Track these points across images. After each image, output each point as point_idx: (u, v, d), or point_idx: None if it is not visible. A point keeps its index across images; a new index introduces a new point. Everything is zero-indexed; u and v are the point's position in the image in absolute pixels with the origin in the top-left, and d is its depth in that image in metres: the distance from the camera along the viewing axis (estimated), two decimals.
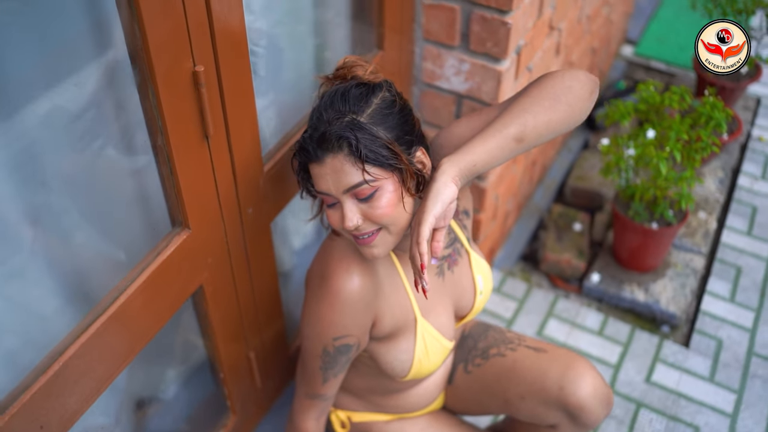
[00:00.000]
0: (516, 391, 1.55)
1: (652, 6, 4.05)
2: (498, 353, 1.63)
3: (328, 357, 1.39)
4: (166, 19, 1.04)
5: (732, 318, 2.42)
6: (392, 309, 1.40)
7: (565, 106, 1.24)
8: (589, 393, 1.47)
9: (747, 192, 2.91)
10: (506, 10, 1.72)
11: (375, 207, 1.21)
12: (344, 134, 1.18)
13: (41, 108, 1.02)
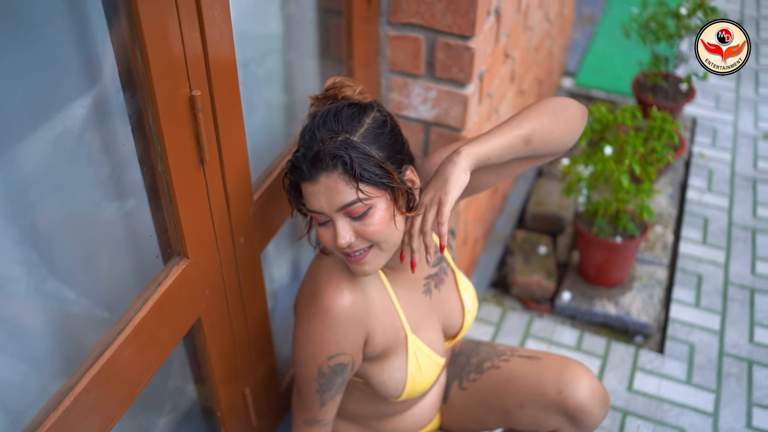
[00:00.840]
0: (514, 400, 1.57)
1: (586, 40, 4.24)
2: (492, 366, 1.64)
3: (323, 378, 1.38)
4: (166, 46, 1.06)
5: (700, 322, 2.50)
6: (383, 326, 1.41)
7: (563, 122, 1.35)
8: (588, 394, 1.50)
9: (697, 204, 3.04)
10: (469, 36, 1.79)
11: (368, 224, 1.24)
12: (338, 153, 1.20)
13: (31, 141, 1.02)
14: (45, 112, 1.04)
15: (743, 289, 2.63)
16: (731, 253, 2.80)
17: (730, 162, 3.31)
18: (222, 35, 1.19)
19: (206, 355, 1.46)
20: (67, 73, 1.06)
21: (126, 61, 1.08)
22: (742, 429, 2.15)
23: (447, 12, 1.77)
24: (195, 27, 1.12)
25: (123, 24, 1.03)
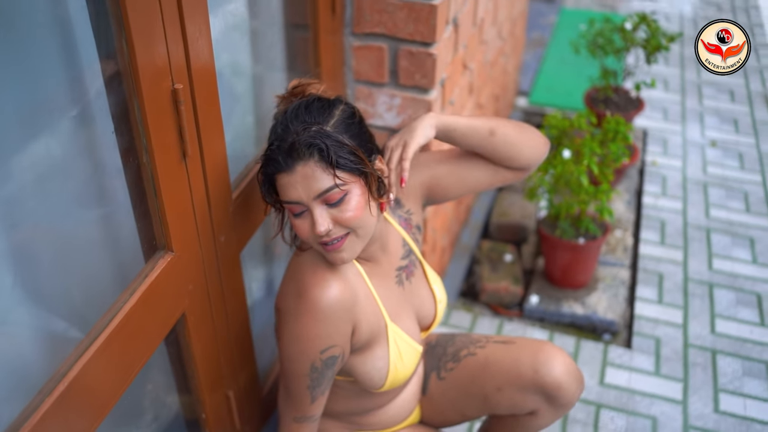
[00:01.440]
0: (492, 384, 1.61)
1: (537, 62, 4.40)
2: (469, 353, 1.68)
3: (316, 373, 1.40)
4: (150, 40, 1.11)
5: (664, 318, 2.58)
6: (367, 316, 1.44)
7: (526, 137, 1.52)
8: (563, 371, 1.55)
9: (653, 209, 3.16)
10: (430, 42, 1.87)
11: (345, 210, 1.29)
12: (314, 141, 1.25)
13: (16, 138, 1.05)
14: (31, 110, 1.07)
15: (702, 285, 2.74)
16: (688, 251, 2.90)
17: (681, 168, 3.44)
18: (201, 32, 1.24)
19: (191, 355, 1.48)
20: (51, 69, 1.10)
21: (112, 55, 1.12)
22: (710, 413, 2.22)
23: (409, 20, 1.85)
24: (176, 24, 1.17)
25: (110, 20, 1.08)
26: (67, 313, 1.24)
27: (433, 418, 1.78)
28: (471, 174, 1.56)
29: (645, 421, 2.20)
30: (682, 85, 4.24)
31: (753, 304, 2.65)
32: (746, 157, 3.55)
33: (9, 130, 1.03)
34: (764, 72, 4.41)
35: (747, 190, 3.30)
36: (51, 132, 1.12)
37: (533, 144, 1.54)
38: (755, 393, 2.30)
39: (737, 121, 3.87)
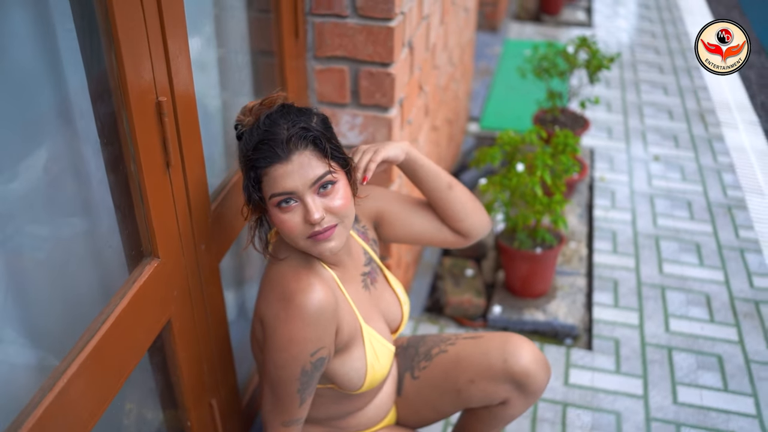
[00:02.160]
0: (465, 377, 1.69)
1: (485, 89, 4.58)
2: (440, 351, 1.76)
3: (306, 377, 1.44)
4: (137, 55, 1.19)
5: (621, 320, 2.71)
6: (345, 317, 1.51)
7: (476, 207, 1.71)
8: (531, 359, 1.64)
9: (604, 221, 3.31)
10: (389, 62, 1.99)
11: (334, 199, 1.37)
12: (308, 133, 1.35)
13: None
14: (21, 124, 1.14)
15: (655, 288, 2.88)
16: (640, 258, 3.05)
17: (628, 182, 3.62)
18: (181, 50, 1.33)
19: (176, 361, 1.53)
20: (39, 84, 1.17)
21: (100, 69, 1.20)
22: (669, 405, 2.34)
23: (368, 42, 1.97)
24: (159, 42, 1.26)
25: (100, 37, 1.16)
26: (57, 318, 1.29)
27: (409, 419, 1.85)
28: (417, 222, 1.69)
29: (609, 416, 2.30)
30: (624, 106, 4.46)
31: (702, 303, 2.80)
32: (687, 169, 3.75)
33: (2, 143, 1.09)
34: (698, 92, 4.67)
35: (690, 199, 3.48)
36: (40, 144, 1.19)
37: (480, 216, 1.71)
38: (710, 384, 2.43)
39: (677, 137, 4.09)
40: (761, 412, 2.33)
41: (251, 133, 1.36)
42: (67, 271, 1.30)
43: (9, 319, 1.16)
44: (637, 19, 6.11)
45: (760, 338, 2.64)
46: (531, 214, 2.56)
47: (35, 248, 1.22)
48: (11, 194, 1.13)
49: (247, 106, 1.42)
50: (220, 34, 1.79)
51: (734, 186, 3.61)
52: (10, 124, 1.10)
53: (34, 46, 1.14)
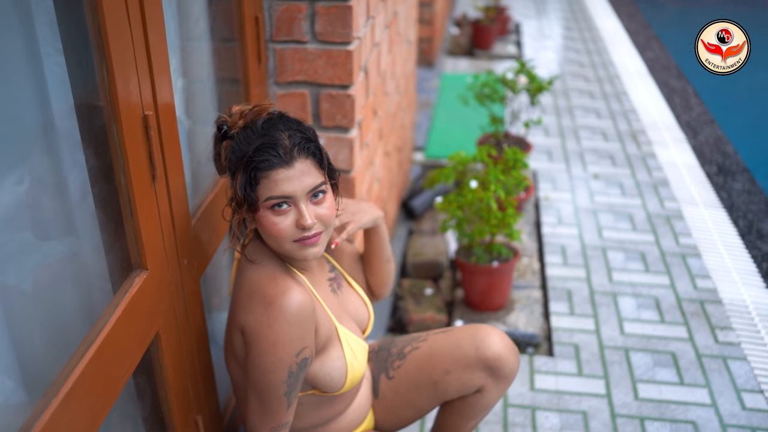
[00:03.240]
0: (440, 369, 1.75)
1: (427, 121, 4.72)
2: (413, 348, 1.82)
3: (292, 378, 1.48)
4: (126, 70, 1.25)
5: (578, 326, 2.82)
6: (320, 319, 1.57)
7: (392, 280, 1.95)
8: (501, 344, 1.72)
9: (552, 236, 3.45)
10: (348, 85, 2.08)
11: (324, 207, 1.47)
12: (311, 144, 1.45)
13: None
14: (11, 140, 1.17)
15: (606, 295, 3.01)
16: (590, 269, 3.19)
17: (571, 200, 3.78)
18: (162, 67, 1.39)
19: (163, 376, 1.55)
20: (27, 99, 1.21)
21: (88, 83, 1.24)
22: (632, 402, 2.44)
23: (327, 66, 2.06)
24: (144, 58, 1.32)
25: (90, 52, 1.21)
26: (54, 329, 1.30)
27: (388, 421, 1.88)
28: (355, 271, 1.89)
29: (577, 416, 2.38)
30: (560, 129, 4.66)
31: (652, 306, 2.94)
32: (625, 185, 3.94)
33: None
34: (628, 114, 4.92)
35: (631, 212, 3.66)
36: (28, 157, 1.22)
37: (390, 288, 1.95)
38: (666, 379, 2.55)
39: (613, 156, 4.29)
40: (716, 400, 2.45)
41: (248, 136, 1.44)
42: (60, 282, 1.32)
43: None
44: (564, 51, 6.41)
45: (708, 334, 2.78)
46: (487, 228, 2.66)
47: (28, 260, 1.24)
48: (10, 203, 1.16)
49: (234, 109, 1.49)
50: (185, 63, 1.85)
51: (670, 198, 3.81)
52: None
53: (22, 65, 1.18)
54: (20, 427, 1.08)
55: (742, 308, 2.94)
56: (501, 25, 6.50)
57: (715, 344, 2.73)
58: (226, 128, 1.48)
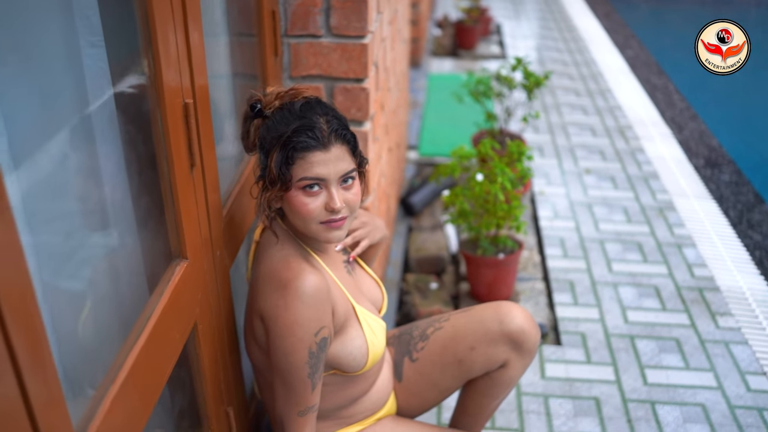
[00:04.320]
0: (465, 346, 1.78)
1: (418, 120, 4.76)
2: (435, 329, 1.85)
3: (314, 359, 1.50)
4: (169, 58, 1.25)
5: (583, 316, 2.86)
6: (338, 299, 1.59)
7: None
8: (524, 317, 1.76)
9: (550, 230, 3.49)
10: (362, 78, 2.10)
11: (352, 193, 1.50)
12: (347, 131, 1.50)
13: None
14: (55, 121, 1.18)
15: (608, 285, 3.05)
16: (589, 260, 3.23)
17: (566, 194, 3.83)
18: (199, 54, 1.40)
19: (200, 367, 1.55)
20: (68, 84, 1.21)
21: (129, 74, 1.25)
22: (641, 387, 2.49)
23: (342, 60, 2.07)
24: (184, 47, 1.33)
25: (138, 38, 1.22)
26: (107, 315, 1.30)
27: (411, 404, 1.89)
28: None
29: (589, 402, 2.42)
30: (550, 126, 4.72)
31: (653, 294, 2.99)
32: (617, 179, 4.01)
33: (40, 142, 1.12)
34: (614, 111, 5.00)
35: (625, 205, 3.72)
36: (71, 144, 1.22)
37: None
38: (673, 364, 2.60)
39: (603, 151, 4.36)
40: (722, 383, 2.50)
41: (285, 116, 1.47)
42: (104, 272, 1.32)
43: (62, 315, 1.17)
44: (546, 50, 6.49)
45: (708, 320, 2.84)
46: (494, 220, 2.69)
47: (76, 251, 1.24)
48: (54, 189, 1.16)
49: (268, 89, 1.53)
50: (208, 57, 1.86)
51: (661, 190, 3.88)
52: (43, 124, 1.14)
53: (62, 55, 1.18)
54: (80, 418, 1.08)
55: (739, 295, 3.00)
56: (483, 26, 6.56)
57: (717, 330, 2.79)
58: (259, 107, 1.51)
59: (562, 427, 2.32)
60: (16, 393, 0.81)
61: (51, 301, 1.13)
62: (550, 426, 2.32)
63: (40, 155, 1.14)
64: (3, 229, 0.76)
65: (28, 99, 1.10)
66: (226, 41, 1.94)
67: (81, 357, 1.25)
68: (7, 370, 0.79)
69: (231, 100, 2.01)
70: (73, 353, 1.22)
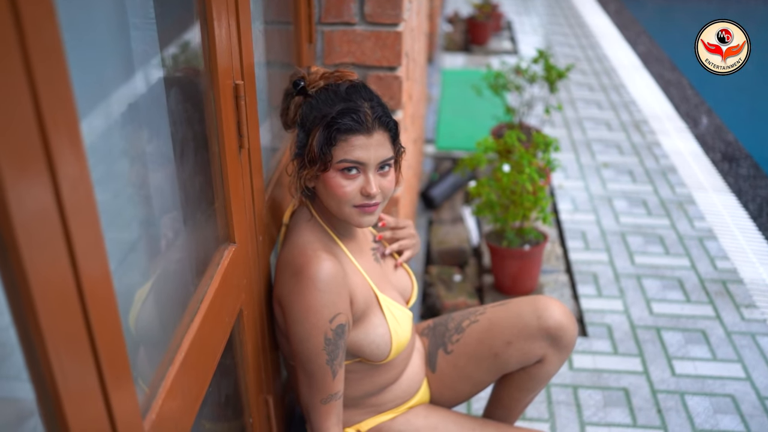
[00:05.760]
0: (501, 340, 1.76)
1: (434, 115, 4.75)
2: (471, 322, 1.83)
3: (330, 345, 1.49)
4: (222, 38, 1.25)
5: (608, 308, 2.85)
6: (358, 287, 1.58)
7: None
8: (562, 312, 1.74)
9: (571, 222, 3.48)
10: (395, 66, 2.09)
11: (387, 180, 1.51)
12: (391, 119, 1.50)
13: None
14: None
15: (631, 278, 3.05)
16: (612, 253, 3.23)
17: (585, 188, 3.83)
18: (247, 36, 1.39)
19: (243, 354, 1.54)
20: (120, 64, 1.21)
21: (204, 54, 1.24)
22: (669, 378, 2.48)
23: (376, 48, 2.07)
24: (235, 27, 1.32)
25: (197, 25, 1.21)
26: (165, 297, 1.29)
27: (444, 395, 1.88)
28: None
29: (618, 393, 2.41)
30: (565, 121, 4.71)
31: (677, 287, 2.98)
32: (635, 172, 4.00)
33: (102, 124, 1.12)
34: (629, 106, 4.99)
35: (644, 198, 3.71)
36: (133, 125, 1.21)
37: None
38: (700, 355, 2.59)
39: (619, 145, 4.35)
40: (750, 374, 2.50)
41: (329, 97, 1.47)
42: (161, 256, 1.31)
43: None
44: (558, 46, 6.48)
45: (734, 312, 2.83)
46: (521, 211, 2.68)
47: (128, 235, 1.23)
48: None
49: (312, 68, 1.53)
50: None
51: (680, 184, 3.87)
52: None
53: (112, 34, 1.18)
54: (142, 399, 1.08)
55: (763, 287, 3.00)
56: (495, 22, 6.55)
57: (742, 321, 2.78)
58: (303, 84, 1.50)
59: (592, 417, 2.32)
60: (94, 375, 0.80)
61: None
62: (581, 416, 2.32)
63: (89, 137, 1.14)
64: (85, 205, 0.75)
65: (77, 77, 1.09)
66: (262, 29, 1.93)
67: (138, 340, 1.25)
68: (86, 351, 0.78)
69: (266, 88, 2.00)
70: (131, 337, 1.22)
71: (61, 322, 0.72)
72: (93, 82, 1.12)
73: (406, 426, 1.80)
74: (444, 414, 1.86)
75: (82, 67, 1.10)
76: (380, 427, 1.79)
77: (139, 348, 1.22)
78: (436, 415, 1.84)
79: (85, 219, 0.75)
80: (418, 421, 1.81)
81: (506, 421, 1.95)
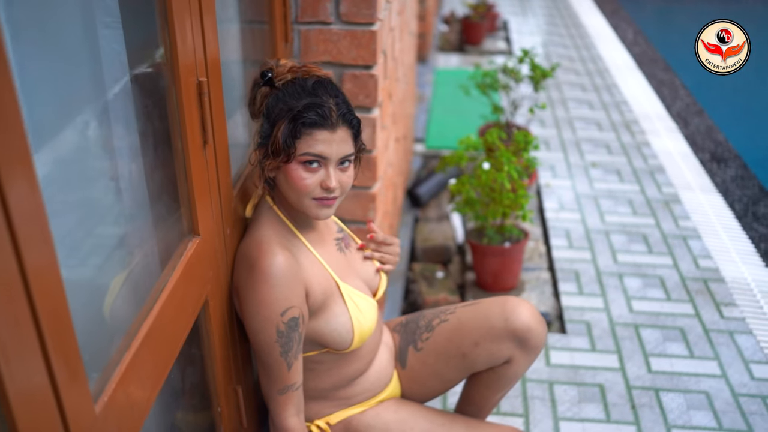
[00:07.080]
0: (469, 341, 1.78)
1: (424, 114, 4.78)
2: (441, 321, 1.86)
3: (283, 337, 1.53)
4: (184, 34, 1.28)
5: (588, 305, 2.88)
6: (316, 278, 1.61)
7: None
8: (530, 315, 1.76)
9: (555, 221, 3.51)
10: (371, 65, 2.13)
11: (347, 176, 1.56)
12: (355, 116, 1.55)
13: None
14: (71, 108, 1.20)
15: (613, 276, 3.07)
16: (595, 251, 3.25)
17: (572, 187, 3.85)
18: (212, 32, 1.42)
19: (210, 344, 1.57)
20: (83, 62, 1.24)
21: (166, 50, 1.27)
22: (645, 374, 2.51)
23: (351, 47, 2.10)
24: (198, 23, 1.35)
25: (155, 22, 1.24)
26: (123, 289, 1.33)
27: (414, 391, 1.91)
28: None
29: (593, 389, 2.44)
30: (556, 120, 4.74)
31: (658, 285, 3.01)
32: (623, 172, 4.03)
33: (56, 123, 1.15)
34: (620, 106, 5.01)
35: (630, 197, 3.74)
36: (87, 125, 1.24)
37: None
38: (677, 353, 2.62)
39: (609, 145, 4.38)
40: (726, 372, 2.52)
41: (296, 90, 1.51)
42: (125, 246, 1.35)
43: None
44: (553, 46, 6.50)
45: (713, 310, 2.86)
46: (500, 209, 2.71)
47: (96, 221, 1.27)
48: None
49: (282, 60, 1.57)
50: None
51: (667, 184, 3.90)
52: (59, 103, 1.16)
53: (79, 34, 1.21)
54: (95, 381, 1.11)
55: (744, 286, 3.02)
56: (490, 22, 6.58)
57: (721, 319, 2.81)
58: (270, 76, 1.54)
59: (566, 412, 2.34)
60: (42, 368, 0.84)
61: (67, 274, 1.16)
62: (555, 412, 2.35)
63: (59, 133, 1.17)
64: (29, 198, 0.79)
65: (46, 77, 1.12)
66: (237, 28, 1.96)
67: (96, 329, 1.28)
68: (34, 345, 0.82)
69: (242, 87, 2.04)
70: (90, 326, 1.25)
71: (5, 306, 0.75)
72: (58, 77, 1.16)
73: (376, 419, 1.83)
74: (414, 408, 1.88)
75: (50, 69, 1.14)
76: (350, 420, 1.82)
77: (114, 334, 1.26)
78: (405, 409, 1.87)
79: (29, 209, 0.79)
80: (388, 415, 1.84)
81: (477, 417, 1.97)
